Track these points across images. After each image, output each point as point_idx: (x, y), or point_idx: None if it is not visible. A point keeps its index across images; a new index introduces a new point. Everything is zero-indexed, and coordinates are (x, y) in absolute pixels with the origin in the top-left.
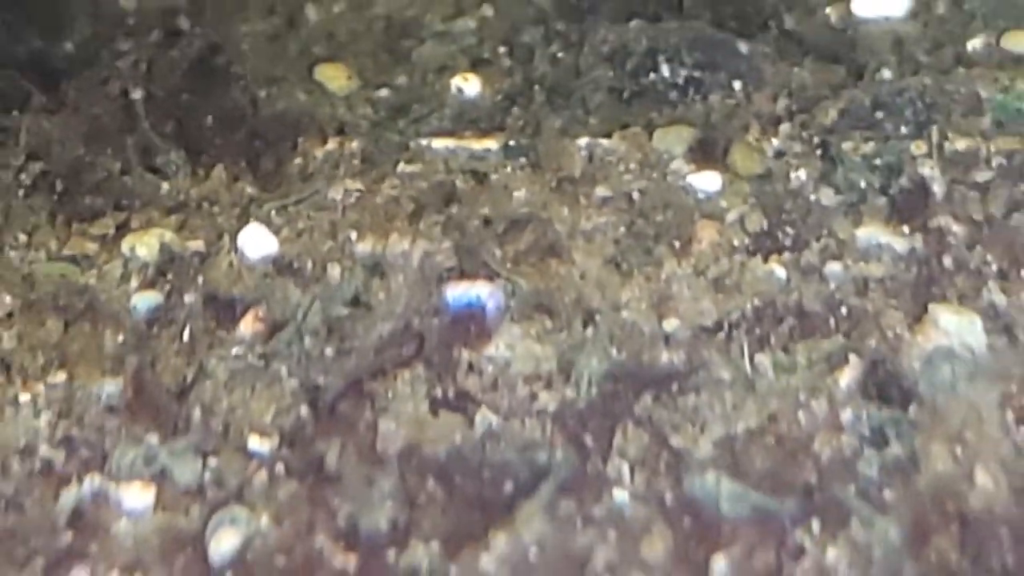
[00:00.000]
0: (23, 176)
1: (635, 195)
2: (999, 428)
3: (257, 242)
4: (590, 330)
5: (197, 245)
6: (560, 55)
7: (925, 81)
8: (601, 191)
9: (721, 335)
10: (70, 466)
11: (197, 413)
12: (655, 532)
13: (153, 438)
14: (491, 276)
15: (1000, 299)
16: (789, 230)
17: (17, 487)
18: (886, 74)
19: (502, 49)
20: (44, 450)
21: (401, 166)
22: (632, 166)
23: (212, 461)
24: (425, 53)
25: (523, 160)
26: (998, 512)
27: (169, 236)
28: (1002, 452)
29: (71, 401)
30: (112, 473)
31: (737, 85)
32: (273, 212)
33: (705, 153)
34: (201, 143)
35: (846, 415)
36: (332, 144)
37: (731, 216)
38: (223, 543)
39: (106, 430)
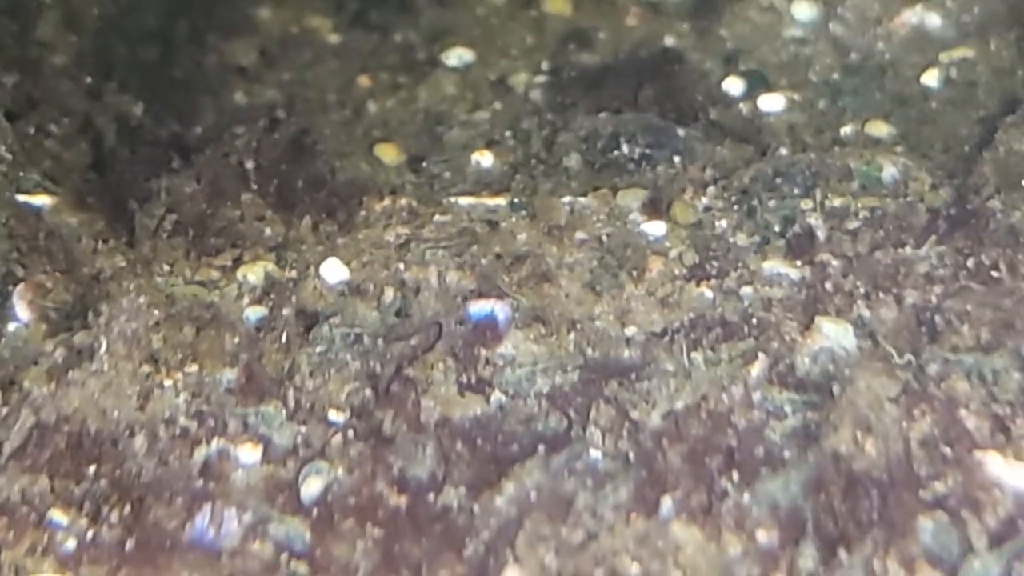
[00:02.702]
0: (164, 224)
1: (604, 238)
2: (868, 406)
3: (334, 271)
4: (572, 335)
5: (291, 274)
6: (550, 137)
7: (811, 157)
8: (580, 235)
9: (667, 338)
10: (201, 432)
11: (292, 394)
12: (620, 480)
13: (260, 412)
14: (501, 296)
15: (866, 313)
16: (715, 263)
17: (163, 447)
18: (783, 152)
19: (508, 133)
20: (182, 420)
21: (436, 217)
22: (602, 217)
23: (302, 428)
24: (453, 136)
25: (524, 213)
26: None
27: (271, 267)
28: (873, 425)
29: (201, 385)
30: (231, 437)
31: (677, 159)
32: (345, 250)
33: (654, 208)
34: (294, 200)
35: (756, 396)
36: (387, 201)
37: (673, 253)
38: (311, 487)
39: (226, 406)
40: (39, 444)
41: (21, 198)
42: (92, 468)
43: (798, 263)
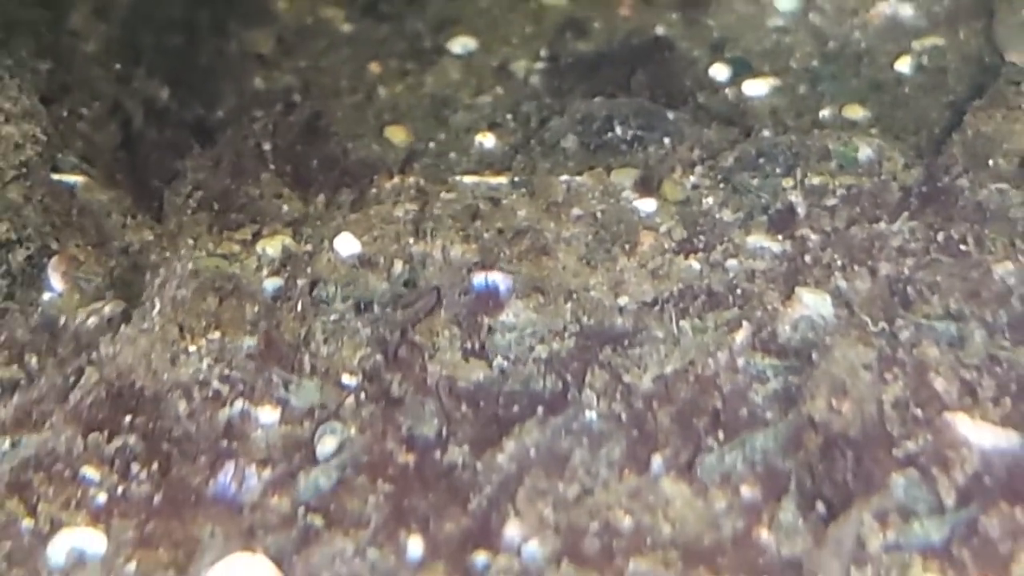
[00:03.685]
0: (190, 201)
1: (599, 214)
2: (844, 371)
3: (347, 245)
4: (569, 304)
5: (307, 247)
6: (548, 120)
7: (792, 138)
8: (576, 211)
9: (657, 308)
10: (225, 394)
11: (307, 359)
12: (613, 439)
13: (279, 376)
14: (503, 268)
15: (843, 284)
16: (702, 237)
17: (189, 409)
18: (765, 133)
19: (509, 116)
20: (210, 384)
21: (443, 194)
22: (597, 194)
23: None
24: (458, 118)
25: (524, 190)
26: (851, 436)
27: (288, 241)
28: (849, 388)
29: (224, 351)
30: (252, 399)
31: (666, 140)
32: (357, 225)
33: (645, 186)
34: (309, 179)
35: (740, 361)
36: (396, 180)
37: (663, 228)
38: (326, 446)
39: (247, 370)
40: (78, 403)
41: (55, 176)
42: (125, 425)
43: (780, 237)
